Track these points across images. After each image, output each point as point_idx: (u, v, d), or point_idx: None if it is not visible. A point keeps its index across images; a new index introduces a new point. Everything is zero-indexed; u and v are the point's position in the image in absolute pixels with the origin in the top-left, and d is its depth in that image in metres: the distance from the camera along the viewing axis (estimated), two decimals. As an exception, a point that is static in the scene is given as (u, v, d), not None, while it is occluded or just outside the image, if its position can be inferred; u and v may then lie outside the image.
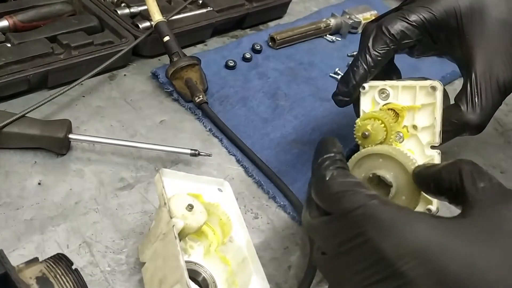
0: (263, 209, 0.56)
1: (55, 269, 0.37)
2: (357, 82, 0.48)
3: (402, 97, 0.47)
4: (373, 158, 0.43)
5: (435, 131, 0.46)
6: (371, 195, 0.34)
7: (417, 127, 0.47)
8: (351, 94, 0.49)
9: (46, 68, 0.60)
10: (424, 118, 0.46)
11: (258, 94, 0.69)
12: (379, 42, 0.48)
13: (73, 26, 0.67)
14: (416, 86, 0.46)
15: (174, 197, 0.44)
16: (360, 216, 0.33)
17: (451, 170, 0.36)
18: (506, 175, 0.68)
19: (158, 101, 0.66)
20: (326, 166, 0.37)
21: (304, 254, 0.52)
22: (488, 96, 0.46)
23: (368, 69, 0.48)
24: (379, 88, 0.48)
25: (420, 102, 0.46)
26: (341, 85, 0.49)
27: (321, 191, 0.37)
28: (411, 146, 0.46)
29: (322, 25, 0.83)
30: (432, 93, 0.46)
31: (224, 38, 0.80)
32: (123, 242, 0.49)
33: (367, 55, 0.48)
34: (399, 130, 0.47)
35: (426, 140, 0.46)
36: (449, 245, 0.31)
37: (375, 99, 0.48)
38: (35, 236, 0.47)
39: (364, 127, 0.46)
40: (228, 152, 0.61)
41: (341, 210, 0.35)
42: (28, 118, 0.54)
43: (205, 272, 0.46)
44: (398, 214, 0.33)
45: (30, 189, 0.51)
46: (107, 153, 0.57)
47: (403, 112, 0.47)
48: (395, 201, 0.42)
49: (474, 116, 0.45)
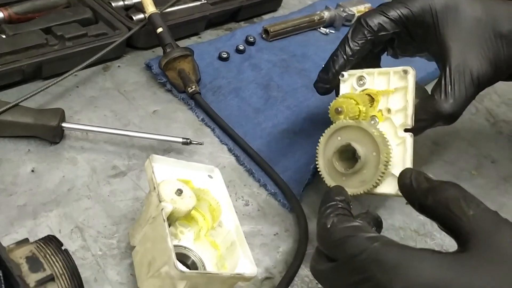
0: (254, 197, 0.57)
1: (45, 250, 0.37)
2: (337, 70, 0.51)
3: (377, 82, 0.50)
4: (349, 130, 0.47)
5: (408, 113, 0.48)
6: (372, 238, 0.35)
7: (391, 110, 0.49)
8: (330, 81, 0.52)
9: (40, 59, 0.61)
10: (398, 101, 0.49)
11: (251, 85, 0.70)
12: (358, 33, 0.51)
13: (67, 18, 0.67)
14: (390, 71, 0.49)
15: (163, 182, 0.45)
16: (365, 261, 0.35)
17: (437, 198, 0.37)
18: (496, 164, 0.68)
19: (152, 92, 0.66)
20: (328, 214, 0.39)
21: (294, 240, 0.53)
22: (461, 87, 0.47)
23: (347, 58, 0.51)
24: (357, 75, 0.51)
25: (394, 86, 0.49)
26: (321, 73, 0.53)
27: (324, 239, 0.39)
28: (385, 129, 0.48)
29: (316, 17, 0.84)
30: (404, 77, 0.48)
31: (218, 31, 0.81)
32: (115, 228, 0.50)
33: (346, 45, 0.51)
34: (374, 114, 0.49)
35: (399, 122, 0.48)
36: (453, 280, 0.32)
37: (353, 86, 0.51)
38: (28, 221, 0.48)
39: (337, 104, 0.49)
40: (220, 142, 0.62)
41: (345, 256, 0.36)
42: (21, 107, 0.55)
43: (195, 256, 0.47)
44: (401, 255, 0.34)
45: (24, 176, 0.52)
46: (100, 141, 0.58)
47: (378, 96, 0.49)
48: (358, 174, 0.46)
49: (447, 106, 0.47)
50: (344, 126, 0.47)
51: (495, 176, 0.66)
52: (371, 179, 0.46)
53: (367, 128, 0.46)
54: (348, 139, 0.47)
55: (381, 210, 0.58)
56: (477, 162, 0.68)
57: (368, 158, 0.46)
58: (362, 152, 0.46)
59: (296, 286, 0.49)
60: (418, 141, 0.69)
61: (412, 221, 0.58)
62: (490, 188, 0.65)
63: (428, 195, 0.38)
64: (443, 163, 0.67)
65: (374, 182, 0.45)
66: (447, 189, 0.37)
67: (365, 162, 0.46)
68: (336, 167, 0.47)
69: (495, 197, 0.63)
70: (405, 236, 0.56)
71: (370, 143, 0.46)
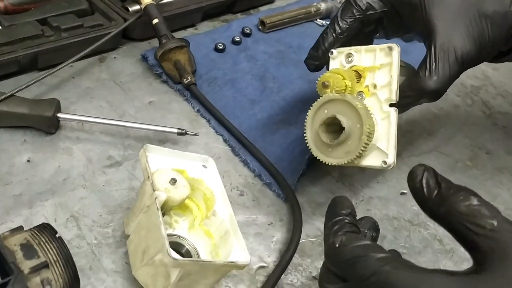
0: (249, 187, 0.57)
1: (39, 237, 0.38)
2: (326, 47, 0.54)
3: (364, 59, 0.52)
4: (335, 103, 0.49)
5: (392, 88, 0.50)
6: (383, 259, 0.34)
7: (377, 86, 0.51)
8: (320, 58, 0.55)
9: (36, 50, 0.61)
10: (383, 76, 0.51)
11: (247, 76, 0.70)
12: (347, 12, 0.53)
13: (63, 9, 0.67)
14: (376, 48, 0.51)
15: (157, 171, 0.45)
16: (375, 284, 0.33)
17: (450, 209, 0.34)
18: (491, 155, 0.69)
19: (147, 83, 0.67)
20: (335, 232, 0.37)
21: (288, 229, 0.53)
22: (445, 65, 0.48)
23: (336, 36, 0.53)
24: (346, 53, 0.53)
25: (380, 62, 0.51)
26: (312, 51, 0.56)
27: (333, 259, 0.37)
28: (371, 104, 0.51)
29: (313, 9, 0.84)
30: (389, 53, 0.50)
31: (214, 22, 0.81)
32: (110, 217, 0.50)
33: (335, 23, 0.54)
34: (361, 90, 0.51)
35: (384, 97, 0.50)
36: None
37: (342, 63, 0.53)
38: (24, 210, 0.48)
39: (324, 78, 0.51)
40: (215, 132, 0.62)
41: (355, 277, 0.35)
42: (17, 98, 0.55)
43: (189, 245, 0.47)
44: (412, 277, 0.33)
45: (19, 166, 0.52)
46: (95, 132, 0.58)
47: (365, 72, 0.51)
48: (343, 145, 0.48)
49: (432, 83, 0.48)
50: (330, 100, 0.49)
51: (490, 167, 0.67)
52: (355, 149, 0.47)
53: (351, 101, 0.47)
54: (333, 111, 0.48)
55: (375, 200, 0.59)
56: (472, 153, 0.68)
57: (353, 130, 0.47)
58: (347, 124, 0.47)
59: (289, 275, 0.49)
60: (414, 132, 0.70)
61: (406, 211, 0.58)
62: (484, 179, 0.65)
63: (441, 205, 0.34)
64: (438, 154, 0.67)
65: (357, 152, 0.47)
66: (462, 198, 0.34)
67: (349, 133, 0.47)
68: (322, 138, 0.49)
69: (489, 188, 0.64)
70: (399, 226, 0.57)
71: (355, 116, 0.47)
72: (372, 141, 0.48)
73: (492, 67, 0.84)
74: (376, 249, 0.35)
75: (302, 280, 0.49)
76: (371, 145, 0.48)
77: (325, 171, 0.60)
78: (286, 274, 0.49)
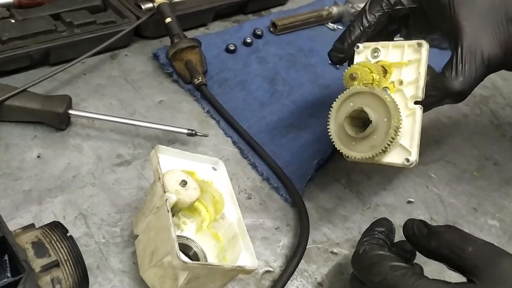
0: (257, 190, 0.57)
1: (51, 235, 0.38)
2: (352, 41, 0.52)
3: (391, 55, 0.51)
4: (362, 96, 0.48)
5: (419, 85, 0.49)
6: (395, 267, 0.41)
7: (403, 82, 0.49)
8: (345, 51, 0.53)
9: (48, 45, 0.61)
10: (410, 73, 0.49)
11: (257, 79, 0.70)
12: (376, 5, 0.52)
13: (76, 5, 0.67)
14: (405, 44, 0.50)
15: (168, 172, 0.45)
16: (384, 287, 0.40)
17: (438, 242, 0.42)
18: (499, 167, 0.69)
19: (158, 82, 0.67)
20: (363, 242, 0.45)
21: (294, 234, 0.54)
22: (471, 67, 0.48)
23: (363, 30, 0.52)
24: (372, 47, 0.52)
25: (407, 59, 0.50)
26: (337, 43, 0.54)
27: (354, 264, 0.44)
28: (396, 100, 0.49)
29: (324, 13, 0.84)
30: (418, 49, 0.49)
31: (226, 23, 0.81)
32: (118, 216, 0.50)
33: (363, 17, 0.52)
34: (386, 86, 0.50)
35: (410, 94, 0.49)
36: None
37: (368, 57, 0.52)
38: (33, 206, 0.49)
39: (352, 70, 0.50)
40: (224, 134, 0.62)
41: (369, 281, 0.42)
42: (29, 93, 0.55)
43: (196, 247, 0.47)
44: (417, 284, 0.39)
45: (29, 162, 0.52)
46: (105, 129, 0.58)
47: (391, 68, 0.50)
48: (368, 139, 0.47)
49: (457, 83, 0.48)
50: (357, 92, 0.48)
51: (497, 178, 0.67)
52: (381, 144, 0.46)
53: (380, 94, 0.46)
54: (360, 104, 0.47)
55: (382, 207, 0.59)
56: (480, 164, 0.68)
57: (379, 124, 0.46)
58: (374, 117, 0.46)
59: (295, 281, 0.50)
60: (422, 140, 0.70)
61: (413, 220, 0.58)
62: (491, 190, 0.65)
63: (431, 240, 0.43)
64: (445, 163, 0.67)
65: (383, 147, 0.46)
66: (446, 231, 0.42)
67: (376, 127, 0.46)
68: (347, 130, 0.48)
69: (496, 199, 0.64)
70: (405, 234, 0.57)
71: (382, 109, 0.46)
72: None
73: (502, 77, 0.84)
74: (391, 258, 0.42)
75: (307, 286, 0.49)
76: (394, 142, 0.47)
77: (333, 178, 0.61)
78: (292, 280, 0.49)
